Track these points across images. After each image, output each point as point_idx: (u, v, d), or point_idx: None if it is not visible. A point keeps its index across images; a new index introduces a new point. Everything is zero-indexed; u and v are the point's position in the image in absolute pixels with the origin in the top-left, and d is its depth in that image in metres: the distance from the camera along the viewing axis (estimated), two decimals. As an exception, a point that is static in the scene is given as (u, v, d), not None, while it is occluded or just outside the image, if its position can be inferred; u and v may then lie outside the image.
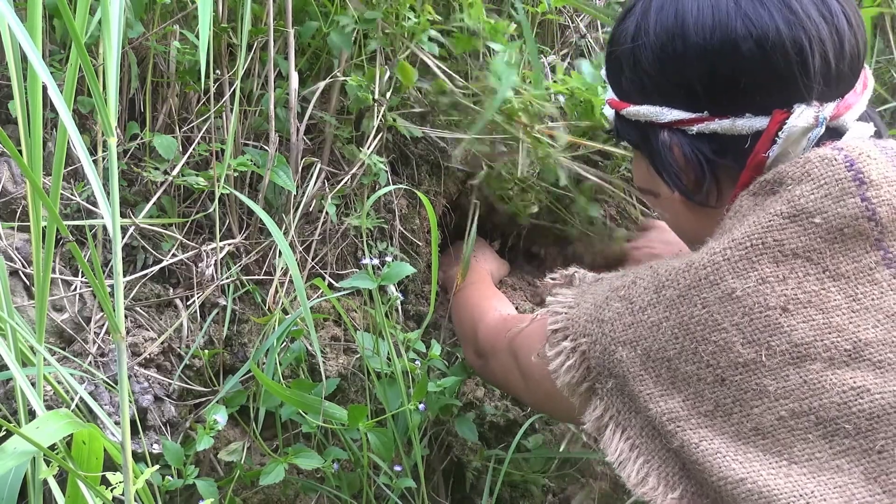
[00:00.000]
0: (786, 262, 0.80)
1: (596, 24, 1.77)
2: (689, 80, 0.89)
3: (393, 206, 1.42)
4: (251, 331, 1.28)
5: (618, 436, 0.86)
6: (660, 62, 0.90)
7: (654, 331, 0.84)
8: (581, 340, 0.90)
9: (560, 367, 0.92)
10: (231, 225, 1.32)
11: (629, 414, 0.86)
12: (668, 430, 0.81)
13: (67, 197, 1.22)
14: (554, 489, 1.52)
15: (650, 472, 0.83)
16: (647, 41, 0.91)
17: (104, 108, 0.74)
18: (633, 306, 0.86)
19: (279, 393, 1.13)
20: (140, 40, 1.28)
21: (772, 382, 0.77)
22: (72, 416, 0.79)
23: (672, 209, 1.01)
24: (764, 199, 0.85)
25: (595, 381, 0.89)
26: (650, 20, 0.91)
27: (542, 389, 1.01)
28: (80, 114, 1.27)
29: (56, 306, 1.18)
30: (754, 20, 0.85)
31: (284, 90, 1.31)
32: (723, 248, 0.82)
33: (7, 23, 0.72)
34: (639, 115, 0.94)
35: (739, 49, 0.85)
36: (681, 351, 0.81)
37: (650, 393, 0.83)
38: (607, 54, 0.99)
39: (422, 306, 1.45)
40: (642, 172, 1.02)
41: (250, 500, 1.23)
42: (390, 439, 1.19)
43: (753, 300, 0.79)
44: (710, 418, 0.80)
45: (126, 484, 0.76)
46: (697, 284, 0.82)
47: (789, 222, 0.81)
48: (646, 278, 0.88)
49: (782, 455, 0.77)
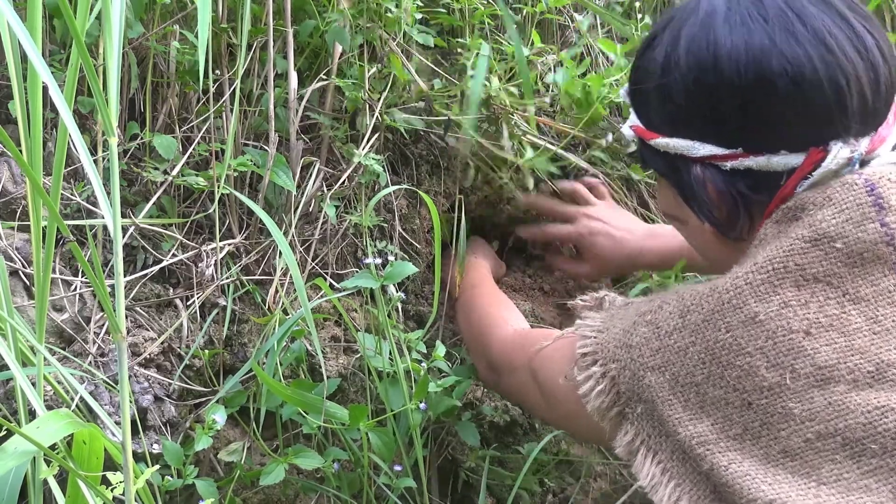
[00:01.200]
0: (807, 286, 0.81)
1: (596, 23, 1.77)
2: (722, 115, 0.88)
3: (393, 206, 1.42)
4: (251, 331, 1.28)
5: (649, 460, 0.87)
6: (691, 96, 0.89)
7: (682, 356, 0.84)
8: (611, 366, 0.90)
9: (590, 392, 0.92)
10: (231, 225, 1.32)
11: (659, 438, 0.86)
12: (698, 454, 0.82)
13: (67, 197, 1.22)
14: (554, 489, 1.51)
15: (682, 496, 0.84)
16: (679, 74, 0.89)
17: (105, 108, 0.74)
18: (660, 331, 0.87)
19: (281, 392, 1.12)
20: (140, 40, 1.28)
21: (797, 405, 0.78)
22: (72, 415, 0.79)
23: (700, 238, 1.00)
24: (787, 225, 0.86)
25: (625, 406, 0.89)
26: (680, 51, 0.90)
27: (563, 409, 1.02)
28: (79, 114, 1.27)
29: (56, 306, 1.18)
30: (790, 57, 0.84)
31: (284, 90, 1.32)
32: (745, 273, 0.83)
33: (7, 22, 0.71)
34: (668, 148, 0.93)
35: (775, 86, 0.84)
36: (708, 376, 0.82)
37: (679, 417, 0.83)
38: (633, 83, 0.98)
39: (422, 306, 1.45)
40: (669, 201, 1.00)
41: (250, 501, 1.23)
42: (391, 439, 1.19)
43: (776, 324, 0.80)
44: (738, 441, 0.80)
45: (126, 484, 0.76)
46: (721, 309, 0.83)
47: (811, 247, 0.82)
48: (671, 303, 0.88)
49: (811, 476, 0.77)
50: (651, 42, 0.95)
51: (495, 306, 1.35)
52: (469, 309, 1.39)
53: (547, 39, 1.73)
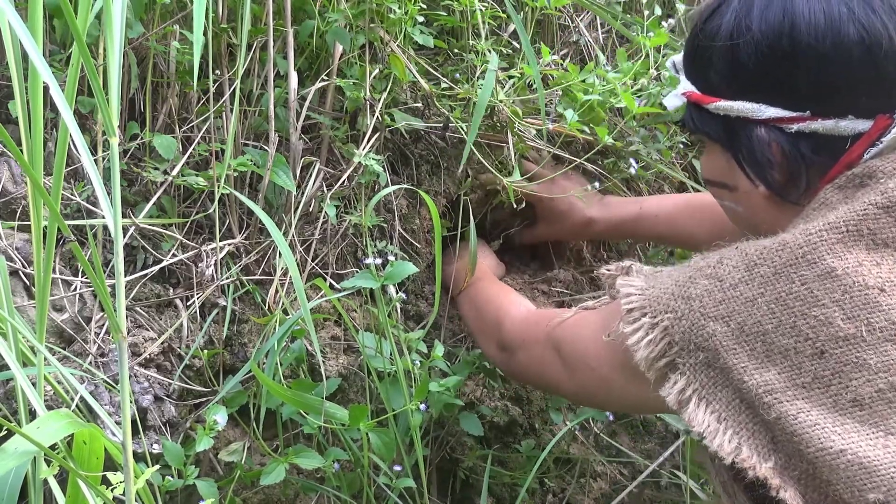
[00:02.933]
0: (877, 249, 0.84)
1: (596, 23, 1.77)
2: (794, 79, 0.91)
3: (392, 206, 1.42)
4: (251, 331, 1.28)
5: (703, 408, 0.87)
6: (764, 60, 0.91)
7: (749, 306, 0.85)
8: (665, 316, 0.91)
9: (639, 342, 0.92)
10: (231, 225, 1.32)
11: (715, 388, 0.87)
12: (765, 402, 0.83)
13: (67, 197, 1.22)
14: (554, 489, 1.52)
15: (741, 444, 0.85)
16: (751, 37, 0.92)
17: (106, 108, 0.74)
18: (723, 283, 0.88)
19: (280, 393, 1.12)
20: (140, 40, 1.28)
21: (872, 356, 0.80)
22: (72, 415, 0.79)
23: (750, 203, 1.02)
24: (854, 191, 0.88)
25: (676, 356, 0.90)
26: (753, 16, 0.92)
27: (595, 376, 1.03)
28: (80, 114, 1.27)
29: (56, 306, 1.18)
30: (867, 27, 0.87)
31: (284, 90, 1.31)
32: (819, 230, 0.85)
33: (8, 22, 0.71)
34: (730, 111, 0.95)
35: (852, 54, 0.87)
36: (778, 325, 0.83)
37: (745, 366, 0.84)
38: (693, 47, 1.00)
39: (422, 306, 1.45)
40: (719, 165, 1.02)
41: (250, 501, 1.23)
42: (391, 439, 1.19)
43: (853, 279, 0.82)
44: (807, 390, 0.82)
45: (127, 484, 0.76)
46: (795, 262, 0.84)
47: (883, 213, 0.84)
48: (733, 258, 0.89)
49: (879, 426, 0.79)
50: (718, 7, 0.97)
51: (503, 293, 1.38)
52: (475, 297, 1.41)
53: (547, 38, 1.73)
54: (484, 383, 1.45)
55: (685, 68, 1.02)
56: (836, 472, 0.78)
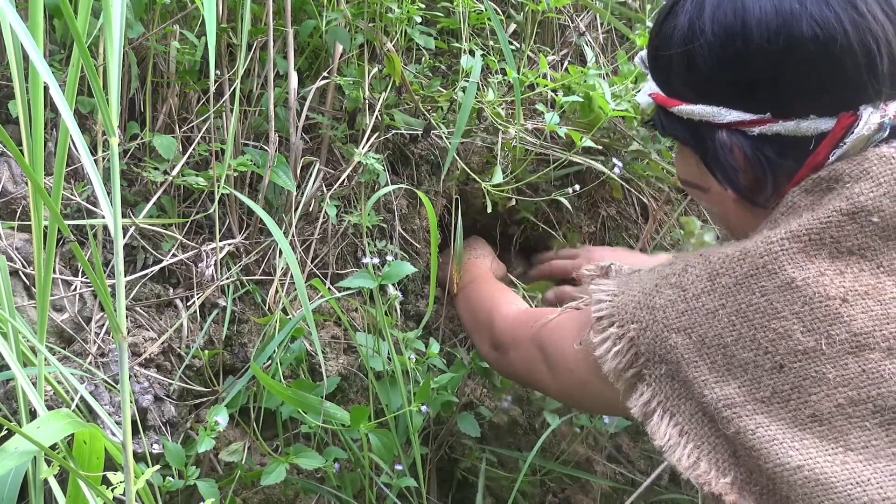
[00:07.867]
0: (841, 258, 0.81)
1: (596, 23, 1.77)
2: (751, 81, 0.87)
3: (392, 205, 1.42)
4: (251, 331, 1.28)
5: (665, 421, 0.87)
6: (719, 63, 0.88)
7: (710, 318, 0.84)
8: (630, 327, 0.90)
9: (607, 353, 0.91)
10: (231, 225, 1.32)
11: (678, 400, 0.86)
12: (724, 417, 0.81)
13: (67, 197, 1.22)
14: (554, 489, 1.52)
15: (701, 458, 0.84)
16: (705, 41, 0.88)
17: (106, 108, 0.74)
18: (686, 293, 0.86)
19: (280, 393, 1.12)
20: (140, 40, 1.28)
21: (831, 370, 0.78)
22: (73, 415, 0.79)
23: (722, 204, 1.00)
24: (820, 196, 0.86)
25: (643, 368, 0.89)
26: (706, 17, 0.89)
27: (572, 378, 1.02)
28: (80, 114, 1.27)
29: (56, 306, 1.18)
30: (821, 22, 0.83)
31: (284, 90, 1.31)
32: (780, 239, 0.83)
33: (9, 22, 0.72)
34: (692, 115, 0.92)
35: (806, 51, 0.84)
36: (738, 338, 0.82)
37: (705, 379, 0.83)
38: (653, 50, 0.97)
39: (422, 306, 1.45)
40: (690, 168, 1.00)
41: (251, 501, 1.23)
42: (391, 440, 1.19)
43: (813, 290, 0.80)
44: (766, 405, 0.80)
45: (127, 484, 0.76)
46: (755, 273, 0.83)
47: (848, 220, 0.82)
48: (697, 266, 0.88)
49: (838, 442, 0.77)
50: (672, 7, 0.93)
51: (498, 292, 1.37)
52: (471, 296, 1.41)
53: (547, 39, 1.73)
54: (484, 383, 1.46)
55: (650, 70, 0.99)
56: (793, 489, 0.77)
